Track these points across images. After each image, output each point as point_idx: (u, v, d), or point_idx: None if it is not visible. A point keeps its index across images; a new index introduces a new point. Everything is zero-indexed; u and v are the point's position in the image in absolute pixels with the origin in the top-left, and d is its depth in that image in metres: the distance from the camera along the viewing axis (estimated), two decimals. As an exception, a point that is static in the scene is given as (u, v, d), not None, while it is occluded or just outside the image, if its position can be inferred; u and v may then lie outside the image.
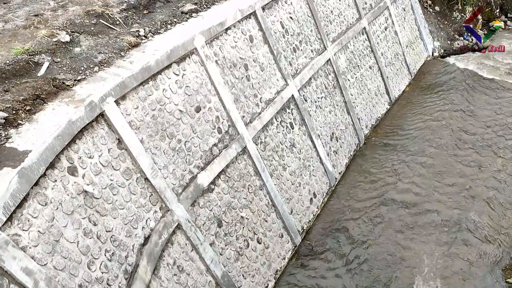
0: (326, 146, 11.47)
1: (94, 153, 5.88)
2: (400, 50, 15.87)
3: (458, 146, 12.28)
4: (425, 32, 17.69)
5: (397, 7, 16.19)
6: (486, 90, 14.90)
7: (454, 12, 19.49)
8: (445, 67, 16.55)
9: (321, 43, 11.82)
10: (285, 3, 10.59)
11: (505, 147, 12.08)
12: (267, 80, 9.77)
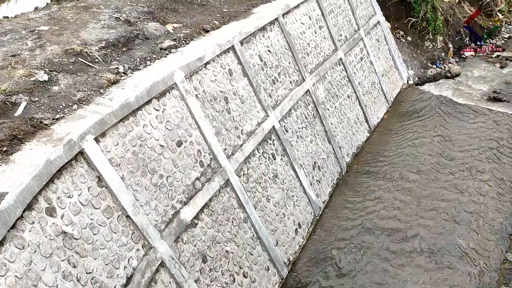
0: (309, 175, 11.50)
1: (73, 192, 5.76)
2: (376, 79, 16.28)
3: (437, 171, 12.47)
4: (399, 61, 18.24)
5: (371, 38, 16.72)
6: (461, 115, 15.31)
7: (426, 42, 20.23)
8: (421, 94, 17.01)
9: (299, 74, 12.05)
10: (263, 37, 10.83)
11: (483, 170, 12.32)
12: (247, 112, 9.85)
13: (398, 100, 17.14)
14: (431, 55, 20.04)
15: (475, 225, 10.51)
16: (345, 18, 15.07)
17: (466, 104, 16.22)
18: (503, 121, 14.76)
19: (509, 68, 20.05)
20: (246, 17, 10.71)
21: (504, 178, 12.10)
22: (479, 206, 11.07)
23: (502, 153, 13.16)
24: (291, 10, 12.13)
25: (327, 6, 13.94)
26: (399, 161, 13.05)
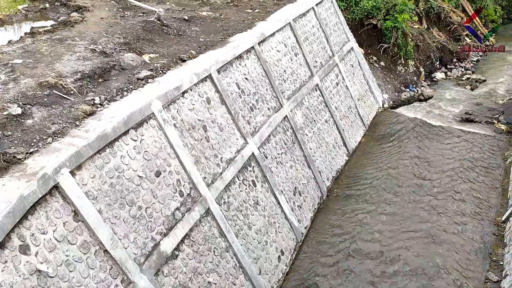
0: (290, 201, 11.47)
1: (48, 228, 5.57)
2: (352, 103, 16.58)
3: (416, 193, 12.62)
4: (374, 86, 18.67)
5: (346, 63, 17.11)
6: (436, 136, 15.67)
7: (398, 66, 20.83)
8: (396, 117, 17.38)
9: (277, 101, 12.17)
10: (240, 65, 10.95)
11: (461, 190, 12.53)
12: (226, 140, 9.84)
13: (375, 123, 17.45)
14: (404, 79, 20.62)
15: (456, 246, 10.59)
16: (319, 45, 15.43)
17: (440, 126, 16.63)
18: (476, 141, 15.16)
19: (479, 90, 20.76)
20: (222, 46, 10.83)
21: (481, 197, 12.33)
22: (458, 226, 11.20)
23: (477, 173, 13.46)
24: (267, 38, 12.35)
25: (301, 34, 14.26)
26: (378, 184, 13.16)
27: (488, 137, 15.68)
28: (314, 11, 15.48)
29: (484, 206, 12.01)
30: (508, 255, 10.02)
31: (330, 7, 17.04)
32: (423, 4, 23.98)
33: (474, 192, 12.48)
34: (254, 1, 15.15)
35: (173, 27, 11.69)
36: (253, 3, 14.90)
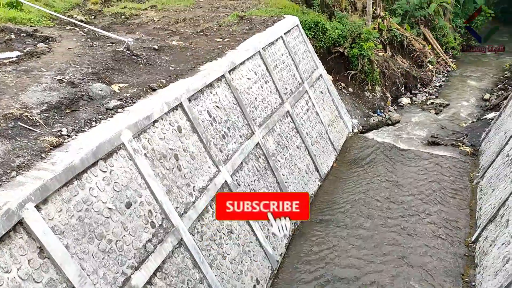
0: (264, 228, 11.38)
1: (11, 267, 5.30)
2: (323, 129, 16.83)
3: (388, 216, 12.78)
4: (343, 111, 19.07)
5: (315, 90, 17.45)
6: (405, 160, 16.02)
7: (366, 92, 21.41)
8: (366, 142, 17.72)
9: (248, 128, 12.22)
10: (210, 93, 10.99)
11: (431, 212, 12.77)
12: (198, 169, 9.75)
13: (346, 148, 17.72)
14: (372, 104, 21.16)
15: (428, 267, 10.71)
16: (289, 72, 15.71)
17: (408, 149, 17.05)
18: (443, 164, 15.58)
19: (443, 114, 21.51)
20: (193, 74, 10.88)
21: (450, 219, 12.58)
22: (430, 248, 11.35)
23: (446, 194, 13.77)
24: (237, 66, 12.49)
25: (271, 62, 14.51)
26: (351, 208, 13.27)
27: (454, 159, 16.15)
28: (282, 39, 15.83)
29: (454, 227, 12.25)
30: (479, 275, 10.19)
31: (298, 36, 17.47)
32: (386, 33, 24.96)
33: (443, 214, 12.74)
34: (224, 31, 15.38)
35: (143, 57, 11.68)
36: (222, 33, 15.12)
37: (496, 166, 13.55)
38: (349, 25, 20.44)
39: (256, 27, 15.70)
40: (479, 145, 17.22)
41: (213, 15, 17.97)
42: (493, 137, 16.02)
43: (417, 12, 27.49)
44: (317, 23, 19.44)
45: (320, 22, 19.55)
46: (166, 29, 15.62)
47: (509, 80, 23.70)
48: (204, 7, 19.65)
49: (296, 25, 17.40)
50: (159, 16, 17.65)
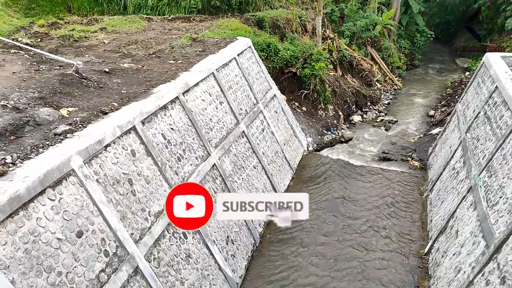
0: (223, 251, 11.22)
1: None
2: (279, 148, 17.01)
3: (345, 231, 12.98)
4: (298, 130, 19.39)
5: (270, 110, 17.68)
6: (359, 176, 16.44)
7: (319, 111, 21.93)
8: (321, 159, 18.06)
9: (204, 149, 12.13)
10: (165, 116, 10.85)
11: (385, 226, 13.10)
12: (154, 192, 9.52)
13: (302, 166, 17.97)
14: (325, 122, 21.69)
15: (385, 281, 10.93)
16: (243, 93, 15.84)
17: (361, 165, 17.54)
18: (394, 179, 16.12)
19: (392, 130, 22.40)
20: (146, 97, 10.71)
21: (404, 232, 12.96)
22: (386, 262, 11.61)
23: (398, 208, 14.22)
24: (191, 88, 12.44)
25: (225, 83, 14.59)
26: (308, 226, 13.38)
27: (404, 174, 16.77)
28: (236, 61, 15.99)
29: (408, 240, 12.62)
30: (433, 286, 10.50)
31: (252, 57, 17.72)
32: (336, 53, 25.86)
33: (397, 228, 13.11)
34: (177, 53, 15.34)
35: (93, 80, 11.39)
36: (175, 54, 15.07)
37: (443, 179, 14.18)
38: (301, 46, 21.02)
39: (209, 49, 15.78)
40: (427, 159, 18.01)
41: (166, 37, 17.91)
42: (439, 151, 16.81)
43: (364, 34, 28.76)
44: (269, 44, 19.84)
45: (272, 43, 19.98)
46: (117, 52, 15.36)
47: (451, 97, 25.10)
48: (156, 29, 19.56)
49: (249, 46, 17.66)
50: (110, 39, 17.36)
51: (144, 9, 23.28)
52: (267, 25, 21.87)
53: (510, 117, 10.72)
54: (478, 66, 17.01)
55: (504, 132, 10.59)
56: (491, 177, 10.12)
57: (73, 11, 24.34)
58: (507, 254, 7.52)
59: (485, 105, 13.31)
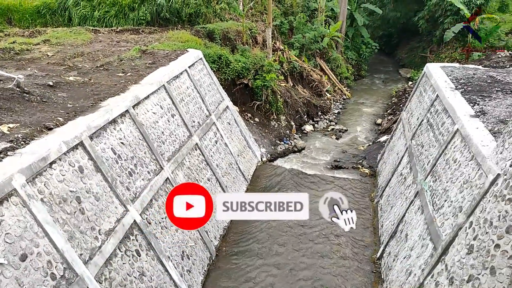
0: (178, 267, 10.96)
1: None
2: (233, 159, 16.97)
3: (300, 241, 13.10)
4: (251, 141, 19.47)
5: (223, 122, 17.64)
6: (312, 184, 16.70)
7: (272, 122, 22.17)
8: (275, 169, 18.20)
9: (157, 163, 11.87)
10: (114, 130, 10.53)
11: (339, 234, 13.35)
12: (104, 210, 9.17)
13: (256, 177, 18.01)
14: (278, 133, 21.94)
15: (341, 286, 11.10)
16: (196, 105, 15.72)
17: (314, 174, 17.83)
18: (346, 186, 16.52)
19: (343, 139, 23.03)
20: (94, 111, 10.35)
21: (357, 238, 13.27)
22: (340, 268, 11.82)
23: (351, 215, 14.53)
24: (142, 101, 12.18)
25: (177, 95, 14.41)
26: (264, 237, 13.38)
27: (355, 181, 17.23)
28: (187, 72, 15.86)
29: (361, 246, 12.93)
30: (387, 289, 10.79)
31: (203, 69, 17.66)
32: (287, 65, 26.33)
33: (350, 234, 13.38)
34: (126, 65, 15.00)
35: (36, 94, 10.87)
36: (124, 67, 14.72)
37: (392, 185, 14.71)
38: (252, 57, 21.23)
39: (159, 61, 15.56)
40: (376, 166, 18.63)
41: (114, 49, 17.48)
42: (387, 158, 17.44)
43: (313, 45, 29.52)
44: (220, 56, 19.88)
45: (224, 55, 20.03)
46: (62, 64, 14.78)
47: (397, 106, 26.21)
48: (103, 41, 19.06)
49: (200, 58, 17.60)
50: (54, 51, 16.70)
51: (90, 21, 22.64)
52: (218, 37, 21.94)
53: (451, 124, 11.32)
54: (420, 76, 17.90)
55: (446, 138, 11.16)
56: (436, 182, 10.60)
57: (13, 23, 23.28)
58: (454, 255, 7.87)
59: (428, 113, 13.99)
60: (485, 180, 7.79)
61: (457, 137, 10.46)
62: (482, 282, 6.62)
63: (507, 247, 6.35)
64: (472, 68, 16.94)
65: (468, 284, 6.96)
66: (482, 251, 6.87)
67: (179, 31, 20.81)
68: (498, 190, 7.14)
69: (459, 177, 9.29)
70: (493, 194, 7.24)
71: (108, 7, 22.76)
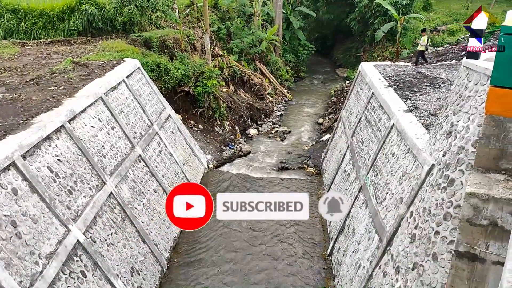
0: (128, 284, 10.57)
1: None
2: (178, 168, 16.69)
3: (251, 244, 13.12)
4: (196, 149, 19.26)
5: (166, 131, 17.31)
6: (260, 188, 16.82)
7: (216, 128, 22.07)
8: (222, 175, 18.13)
9: (98, 178, 11.40)
10: (49, 147, 9.99)
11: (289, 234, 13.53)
12: (43, 232, 8.65)
13: (203, 184, 17.77)
14: (223, 138, 21.87)
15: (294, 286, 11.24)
16: (136, 115, 15.30)
17: (262, 177, 17.96)
18: (293, 186, 16.79)
19: (287, 140, 23.39)
20: (25, 128, 9.75)
21: (307, 237, 13.51)
22: (292, 268, 11.98)
23: (300, 214, 14.78)
24: (78, 115, 11.66)
25: (115, 106, 13.94)
26: (215, 244, 13.26)
27: (302, 181, 17.56)
28: (125, 83, 15.41)
29: (311, 244, 13.17)
30: (338, 285, 11.06)
31: (141, 78, 17.24)
32: (227, 70, 26.37)
33: (300, 233, 13.61)
34: (58, 78, 14.29)
35: (-41, 113, 10.08)
36: (57, 80, 14.02)
37: (337, 182, 15.14)
38: (191, 64, 21.03)
39: (94, 72, 14.98)
40: (321, 164, 19.10)
41: (44, 62, 16.62)
42: (331, 156, 17.94)
43: (251, 50, 29.80)
44: (159, 64, 19.51)
45: (162, 63, 19.68)
46: (-13, 81, 13.83)
47: (336, 104, 27.07)
48: (32, 54, 18.06)
49: (138, 67, 17.17)
50: (-23, 67, 15.59)
51: (16, 34, 21.35)
52: (155, 45, 21.51)
53: (387, 119, 11.85)
54: (355, 75, 18.62)
55: (383, 133, 11.67)
56: (377, 176, 11.05)
57: None
58: (398, 245, 8.22)
59: (365, 110, 14.57)
60: (421, 171, 8.21)
61: (393, 131, 10.97)
62: (426, 268, 6.96)
63: (446, 233, 6.73)
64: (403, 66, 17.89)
65: (413, 272, 7.29)
66: (424, 239, 7.23)
67: (114, 41, 20.17)
68: (433, 180, 7.55)
69: (398, 170, 9.73)
70: (430, 184, 7.65)
71: (35, 19, 21.58)
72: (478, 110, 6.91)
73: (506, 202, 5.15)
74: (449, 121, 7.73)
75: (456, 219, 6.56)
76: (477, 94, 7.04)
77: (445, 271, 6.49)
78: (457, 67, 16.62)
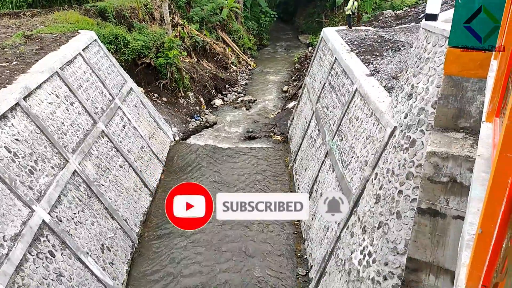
0: (99, 260, 10.49)
1: None
2: (144, 142, 16.41)
3: (223, 214, 13.20)
4: (161, 122, 18.94)
5: (128, 105, 16.88)
6: (228, 158, 16.83)
7: (180, 99, 21.70)
8: (189, 147, 17.98)
9: (60, 156, 11.06)
10: (5, 126, 9.55)
11: (259, 201, 13.68)
12: (6, 214, 8.37)
13: (171, 157, 17.66)
14: (188, 110, 21.58)
15: (266, 253, 11.49)
16: (96, 90, 14.79)
17: (229, 147, 17.96)
18: (261, 155, 16.91)
19: (253, 109, 23.36)
20: (-23, 108, 9.26)
21: (276, 203, 13.71)
22: (265, 234, 12.19)
23: (268, 182, 14.99)
24: (33, 91, 11.15)
25: (73, 81, 13.41)
26: (186, 216, 13.27)
27: (270, 149, 17.69)
28: (82, 56, 14.78)
29: (281, 210, 13.39)
30: (308, 248, 11.39)
31: (99, 51, 16.59)
32: (188, 40, 25.75)
33: (270, 200, 13.79)
34: (9, 53, 13.54)
35: None
36: (8, 55, 13.29)
37: (303, 148, 15.35)
38: (151, 35, 20.38)
39: (48, 46, 14.28)
40: (287, 132, 19.26)
41: (-8, 36, 15.67)
42: (296, 123, 18.10)
43: (212, 18, 29.15)
44: (116, 36, 18.78)
45: (120, 34, 18.95)
46: None
47: (300, 72, 27.11)
48: (-22, 28, 16.98)
49: (94, 40, 16.48)
50: None
51: (-42, 7, 19.99)
52: (111, 15, 20.65)
53: (350, 84, 11.98)
54: (318, 41, 18.59)
55: (347, 98, 11.81)
56: (342, 140, 11.25)
57: None
58: (364, 206, 8.48)
59: (329, 76, 14.66)
60: (384, 133, 8.41)
61: (356, 96, 11.12)
62: (390, 226, 7.24)
63: (409, 191, 6.98)
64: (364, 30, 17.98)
65: (378, 230, 7.58)
66: (388, 198, 7.49)
67: (66, 12, 19.20)
68: (396, 141, 7.76)
69: (362, 134, 9.93)
70: (392, 145, 7.87)
71: (-21, -10, 20.25)
72: (437, 71, 7.07)
73: (465, 159, 5.37)
74: (410, 83, 7.89)
75: (418, 178, 6.81)
76: (436, 55, 7.18)
77: (408, 228, 6.77)
78: (416, 29, 16.88)
